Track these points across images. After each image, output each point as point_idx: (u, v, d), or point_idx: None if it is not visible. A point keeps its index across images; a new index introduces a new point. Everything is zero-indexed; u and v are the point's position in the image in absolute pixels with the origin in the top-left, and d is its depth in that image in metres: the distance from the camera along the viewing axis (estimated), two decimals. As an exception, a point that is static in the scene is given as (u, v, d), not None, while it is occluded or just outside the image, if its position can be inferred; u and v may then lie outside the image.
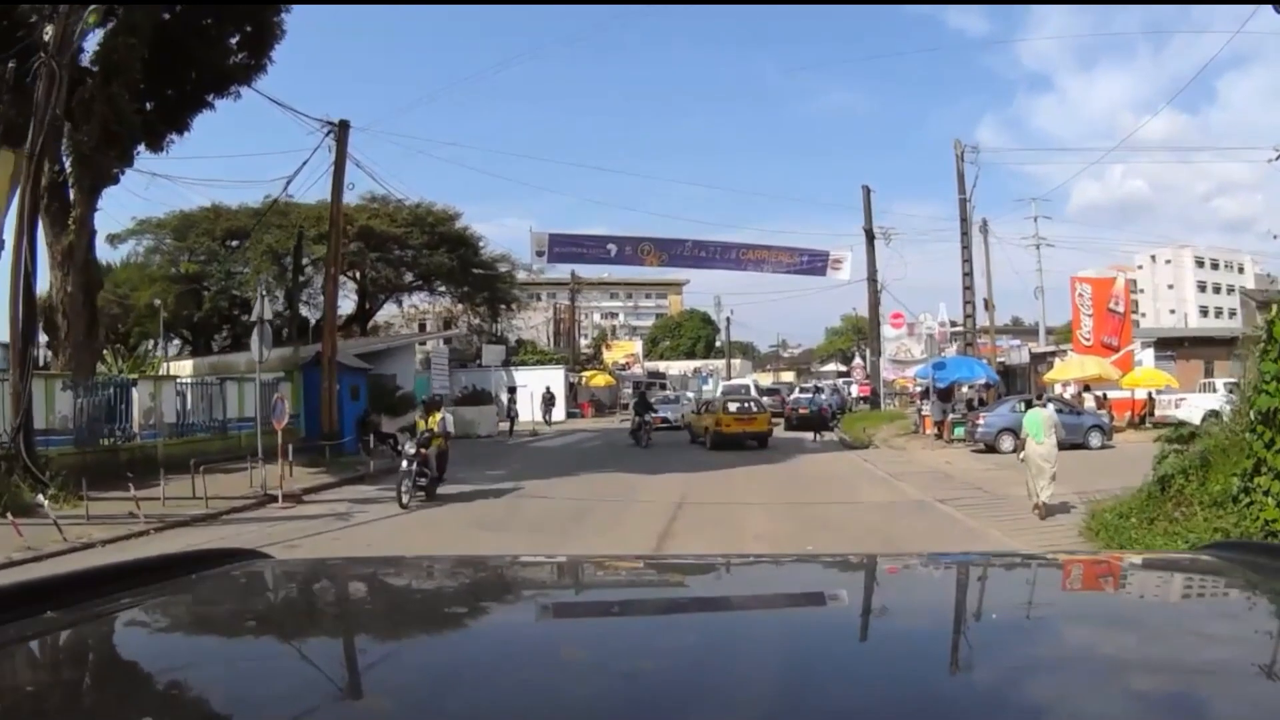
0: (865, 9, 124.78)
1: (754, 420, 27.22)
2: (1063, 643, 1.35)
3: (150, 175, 20.35)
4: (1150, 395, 28.62)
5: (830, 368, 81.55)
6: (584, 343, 66.75)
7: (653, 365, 71.57)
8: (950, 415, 26.62)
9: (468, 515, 13.54)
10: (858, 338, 76.91)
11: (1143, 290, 79.55)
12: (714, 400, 31.44)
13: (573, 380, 47.56)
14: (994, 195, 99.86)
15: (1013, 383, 35.94)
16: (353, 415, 22.49)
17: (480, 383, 38.78)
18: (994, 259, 37.46)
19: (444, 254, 42.37)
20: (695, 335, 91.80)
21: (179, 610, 1.61)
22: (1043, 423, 12.90)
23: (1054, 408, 23.42)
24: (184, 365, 30.26)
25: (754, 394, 37.35)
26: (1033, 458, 12.70)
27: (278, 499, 14.53)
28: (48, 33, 15.67)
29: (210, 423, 20.75)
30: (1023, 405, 24.33)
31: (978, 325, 33.70)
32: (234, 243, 39.76)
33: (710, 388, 54.33)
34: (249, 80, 20.85)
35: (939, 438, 26.28)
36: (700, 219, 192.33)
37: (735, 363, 75.27)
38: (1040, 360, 37.01)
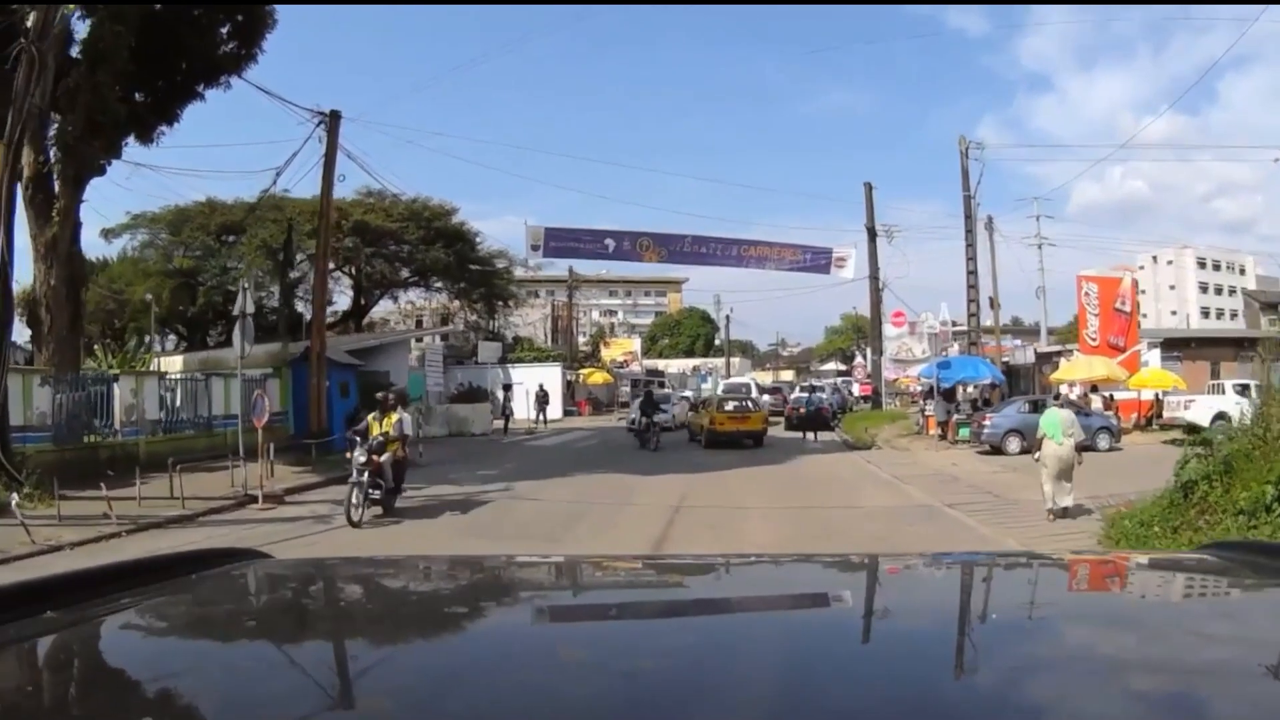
0: (865, 8, 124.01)
1: (749, 419, 26.96)
2: (1063, 642, 1.35)
3: (133, 165, 19.73)
4: (1157, 396, 28.08)
5: (830, 366, 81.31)
6: (582, 340, 66.13)
7: (651, 363, 71.00)
8: (955, 416, 26.13)
9: (436, 530, 12.30)
10: (858, 337, 76.60)
11: (1144, 291, 78.71)
12: (711, 399, 30.92)
13: (570, 378, 46.98)
14: (993, 196, 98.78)
15: (1016, 383, 35.37)
16: (342, 413, 21.88)
17: (476, 380, 38.31)
18: (997, 258, 36.71)
19: (440, 249, 41.77)
20: (694, 333, 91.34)
21: (179, 610, 1.61)
22: (1061, 424, 12.47)
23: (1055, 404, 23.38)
24: (174, 361, 29.68)
25: (754, 392, 36.86)
26: (1049, 460, 12.31)
27: (258, 500, 13.99)
28: (30, 18, 15.29)
29: (195, 420, 20.21)
30: (1028, 406, 24.05)
31: (981, 324, 33.20)
32: (229, 238, 39.34)
33: (709, 386, 53.92)
34: (239, 70, 20.42)
35: (943, 438, 25.80)
36: (701, 214, 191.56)
37: (734, 361, 74.84)
38: (1045, 360, 36.44)
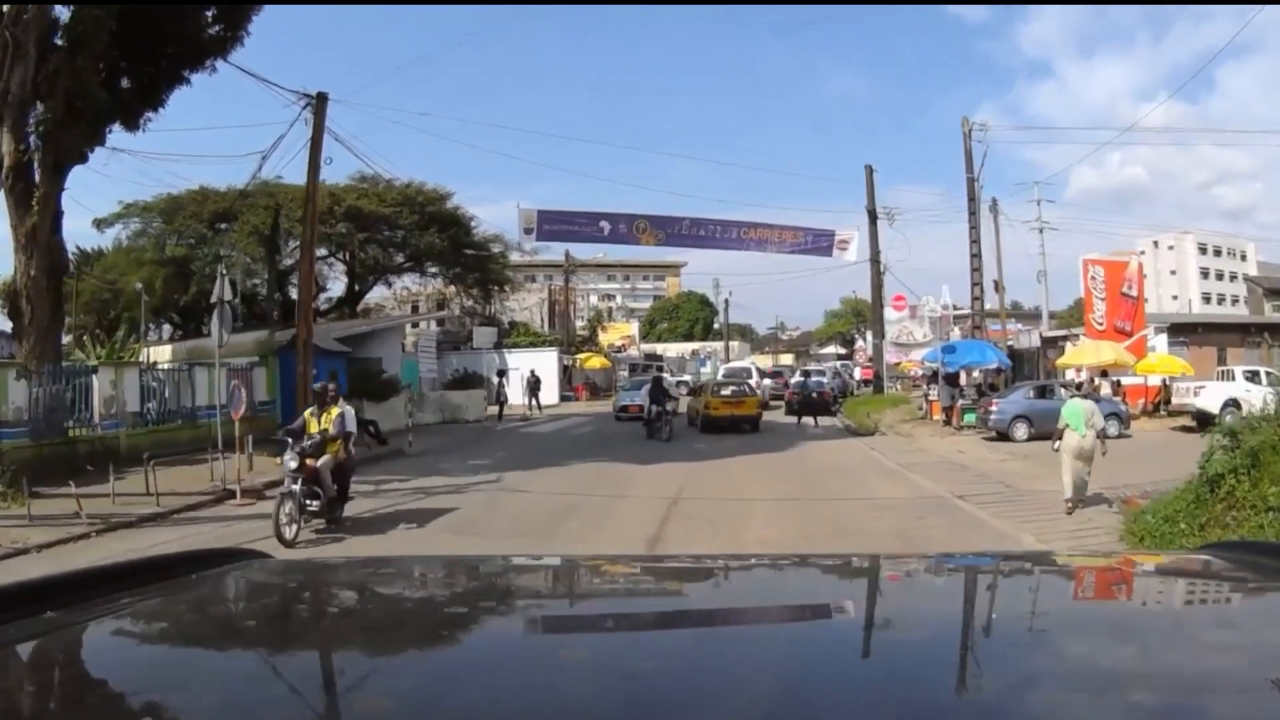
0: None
1: (744, 404, 26.60)
2: (1063, 642, 1.34)
3: (114, 151, 19.03)
4: (1164, 382, 27.52)
5: (829, 350, 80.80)
6: (579, 324, 65.47)
7: (650, 347, 70.49)
8: (960, 401, 25.52)
9: (391, 545, 10.37)
10: (857, 320, 76.07)
11: (1145, 276, 78.18)
12: (707, 384, 30.22)
13: (567, 363, 46.36)
14: (992, 181, 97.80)
15: (1021, 368, 34.77)
16: (331, 402, 21.21)
17: (472, 366, 37.74)
18: (1001, 241, 35.79)
19: (434, 234, 41.08)
20: (693, 317, 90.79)
21: (179, 610, 1.60)
22: (1083, 413, 12.11)
23: (1069, 394, 22.81)
24: (163, 350, 29.12)
25: (755, 376, 36.45)
26: (1070, 450, 11.96)
27: (236, 495, 13.40)
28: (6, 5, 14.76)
29: (178, 411, 19.59)
30: (1036, 391, 23.58)
31: (984, 308, 32.55)
32: (222, 225, 38.76)
33: (708, 370, 53.36)
34: (225, 53, 19.74)
35: (947, 424, 25.22)
36: (701, 196, 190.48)
37: (733, 345, 74.28)
38: (1051, 345, 35.84)
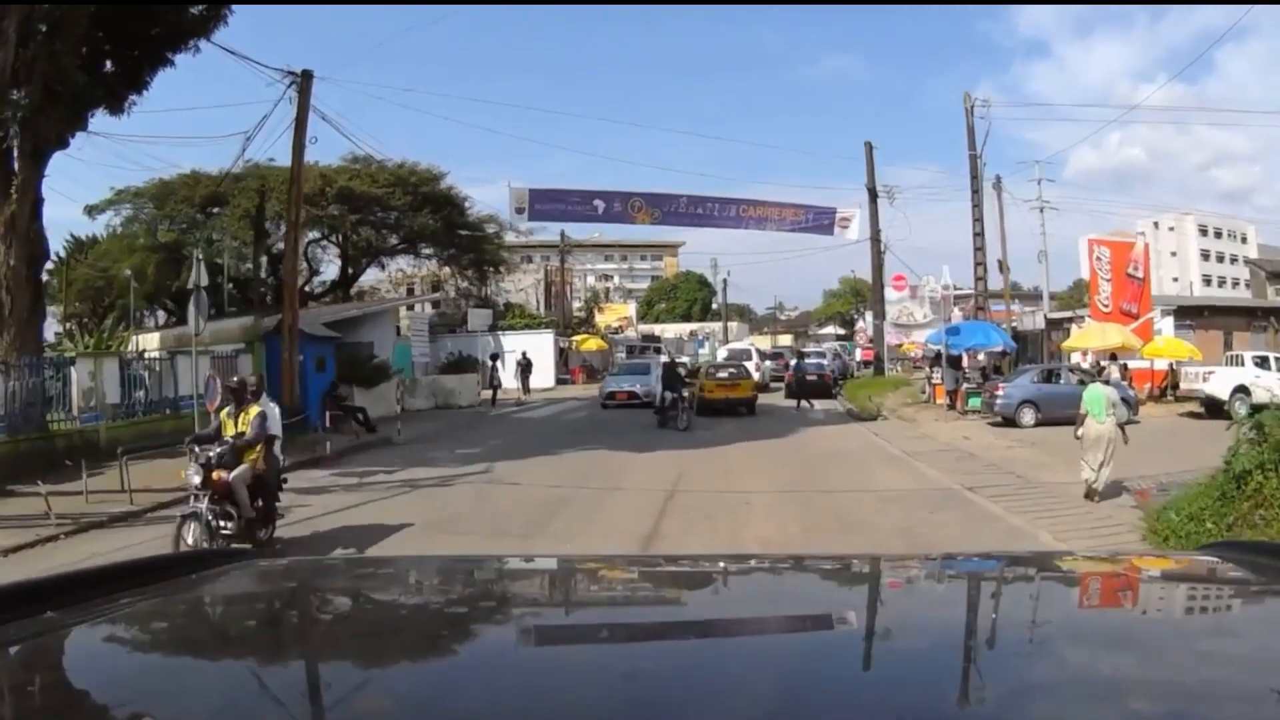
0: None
1: (739, 386, 26.29)
2: (1064, 646, 1.33)
3: (89, 135, 18.41)
4: (1171, 367, 26.98)
5: (828, 330, 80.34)
6: (576, 306, 64.83)
7: (647, 328, 69.95)
8: (964, 384, 24.96)
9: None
10: (856, 300, 75.53)
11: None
12: (702, 366, 29.82)
13: (563, 345, 45.74)
14: (992, 161, 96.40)
15: (1024, 350, 34.22)
16: (319, 389, 20.65)
17: (466, 349, 37.08)
18: (994, 221, 34.44)
19: (428, 215, 40.38)
20: (691, 298, 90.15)
21: (179, 610, 1.60)
22: (1104, 399, 11.84)
23: (1076, 379, 22.31)
24: (151, 338, 28.49)
25: (755, 358, 36.11)
26: (1091, 437, 11.74)
27: (214, 491, 12.79)
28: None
29: (161, 402, 18.98)
30: (1043, 375, 23.09)
31: (987, 288, 31.94)
32: (214, 209, 38.31)
33: (706, 351, 52.85)
34: (208, 33, 19.11)
35: (951, 408, 24.71)
36: (702, 173, 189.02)
37: (732, 325, 73.70)
38: (1056, 327, 35.27)
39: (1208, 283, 74.97)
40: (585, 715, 1.03)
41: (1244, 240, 79.71)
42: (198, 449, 9.04)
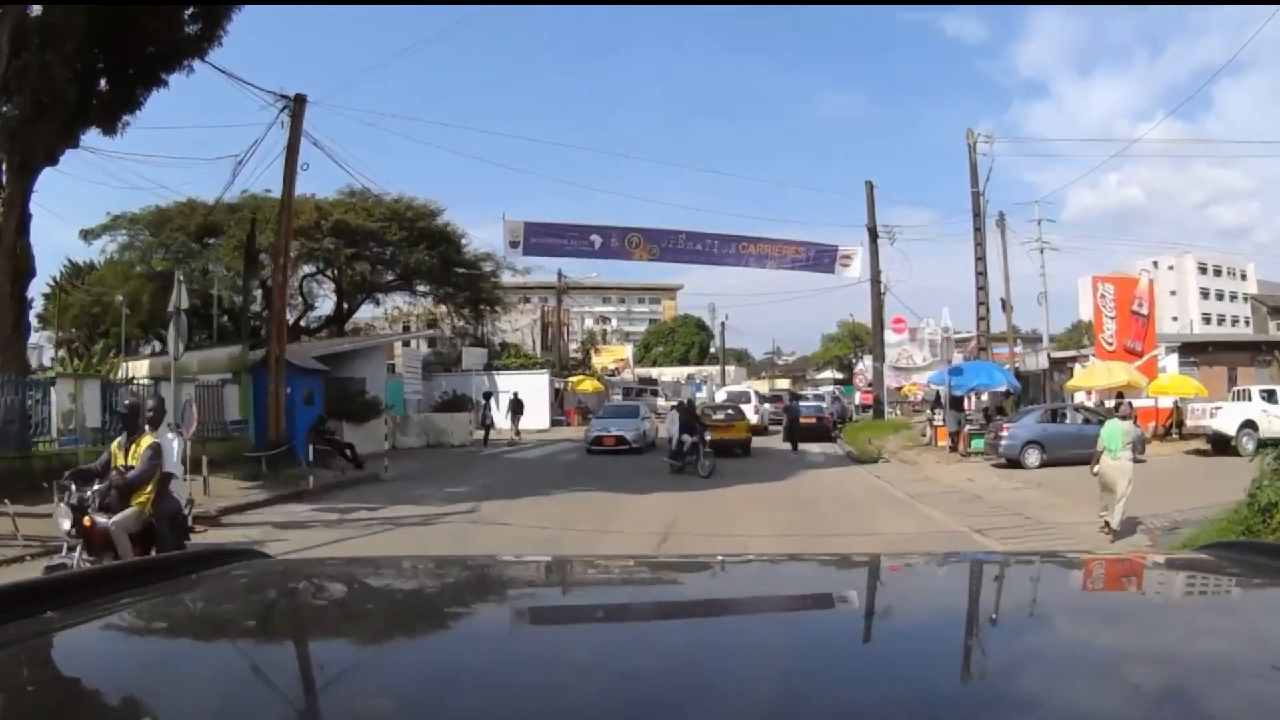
0: (861, 10, 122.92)
1: (734, 427, 25.94)
2: (1062, 642, 1.33)
3: (76, 150, 18.14)
4: (1176, 404, 26.57)
5: (826, 375, 79.93)
6: (573, 347, 64.46)
7: (644, 371, 69.55)
8: (967, 426, 24.47)
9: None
10: (855, 345, 75.28)
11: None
12: (700, 407, 29.49)
13: (558, 386, 45.23)
14: (991, 201, 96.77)
15: (1026, 390, 33.76)
16: (306, 423, 20.10)
17: (461, 388, 36.72)
18: (994, 263, 33.39)
19: (424, 251, 40.01)
20: (689, 341, 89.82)
21: (179, 610, 1.59)
22: (1121, 435, 11.69)
23: (1082, 418, 21.88)
24: (140, 365, 28.05)
25: (754, 400, 36.09)
26: (1108, 473, 11.66)
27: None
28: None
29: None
30: (1048, 415, 22.65)
31: (990, 329, 31.59)
32: (209, 239, 37.95)
33: (703, 395, 52.37)
34: (203, 53, 19.00)
35: (953, 450, 24.18)
36: (701, 208, 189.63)
37: (730, 369, 73.24)
38: (1059, 366, 34.84)
39: (1207, 321, 74.93)
40: (585, 714, 1.02)
41: (1244, 277, 79.86)
42: (73, 487, 7.29)
